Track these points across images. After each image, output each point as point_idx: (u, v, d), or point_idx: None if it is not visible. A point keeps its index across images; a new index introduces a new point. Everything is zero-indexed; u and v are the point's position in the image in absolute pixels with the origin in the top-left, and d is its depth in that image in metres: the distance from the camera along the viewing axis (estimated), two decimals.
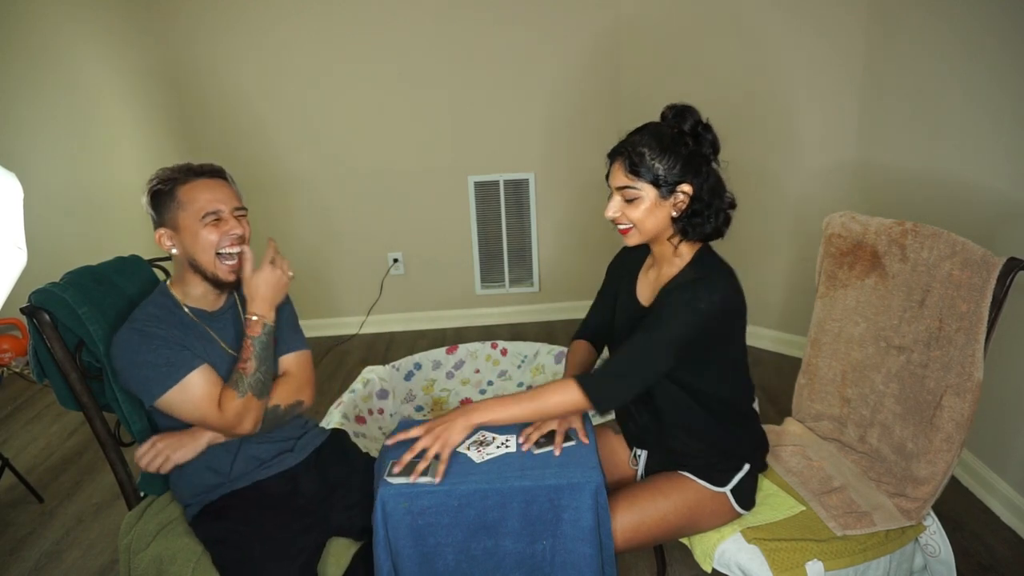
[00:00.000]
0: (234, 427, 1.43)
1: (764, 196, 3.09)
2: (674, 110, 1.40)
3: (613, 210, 1.41)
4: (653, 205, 1.38)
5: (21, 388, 3.34)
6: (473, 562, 1.37)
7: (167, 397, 1.39)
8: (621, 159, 1.38)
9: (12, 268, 1.69)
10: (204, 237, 1.43)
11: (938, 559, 1.49)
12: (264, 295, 1.47)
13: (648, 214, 1.38)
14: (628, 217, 1.40)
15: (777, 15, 2.87)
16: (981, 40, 2.11)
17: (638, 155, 1.35)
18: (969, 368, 1.40)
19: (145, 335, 1.40)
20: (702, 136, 1.38)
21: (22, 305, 1.44)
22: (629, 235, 1.42)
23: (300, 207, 3.59)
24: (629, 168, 1.36)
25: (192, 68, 3.35)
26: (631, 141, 1.38)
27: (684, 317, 1.32)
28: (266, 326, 1.46)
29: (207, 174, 1.48)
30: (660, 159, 1.35)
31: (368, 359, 3.45)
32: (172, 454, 1.44)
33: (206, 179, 1.47)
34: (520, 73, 3.42)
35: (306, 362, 1.63)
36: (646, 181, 1.36)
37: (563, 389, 1.37)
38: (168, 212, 1.44)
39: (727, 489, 1.47)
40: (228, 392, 1.42)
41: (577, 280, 3.74)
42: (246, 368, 1.43)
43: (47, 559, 2.19)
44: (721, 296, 1.34)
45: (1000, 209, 2.05)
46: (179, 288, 1.51)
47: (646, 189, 1.37)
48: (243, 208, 1.51)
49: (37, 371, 1.51)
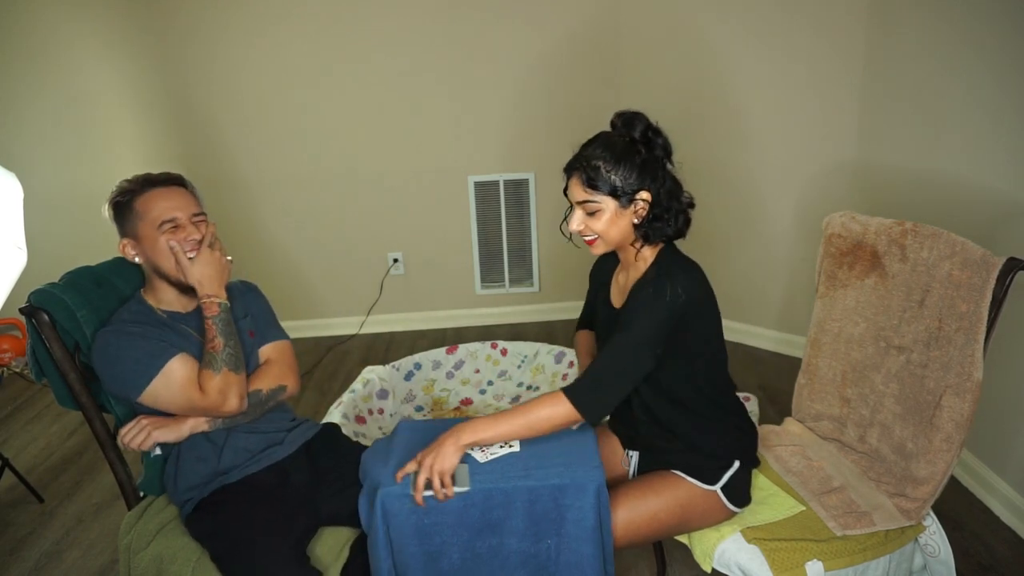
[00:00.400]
0: (220, 406, 1.46)
1: (764, 196, 3.09)
2: (623, 118, 1.43)
3: (576, 224, 1.44)
4: (614, 215, 1.40)
5: (21, 388, 3.34)
6: (478, 561, 1.37)
7: (151, 389, 1.43)
8: (578, 174, 1.41)
9: (12, 268, 1.69)
10: (163, 244, 1.48)
11: (938, 559, 1.49)
12: (209, 275, 1.50)
13: (610, 224, 1.41)
14: (592, 229, 1.42)
15: (777, 14, 2.87)
16: (981, 40, 2.11)
17: (593, 169, 1.38)
18: (969, 368, 1.40)
19: (120, 334, 1.46)
20: (653, 141, 1.40)
21: (22, 305, 1.44)
22: (595, 245, 1.46)
23: (300, 207, 3.58)
24: (587, 182, 1.39)
25: (192, 68, 3.35)
26: (585, 155, 1.40)
27: (652, 314, 1.34)
28: (221, 304, 1.51)
29: (164, 183, 1.52)
30: (616, 170, 1.37)
31: (368, 359, 3.45)
32: (154, 431, 1.47)
33: (162, 188, 1.51)
34: (520, 73, 3.42)
35: (285, 349, 1.67)
36: (604, 193, 1.38)
37: (552, 402, 1.37)
38: (128, 223, 1.49)
39: (717, 487, 1.47)
40: (205, 373, 1.46)
41: (577, 280, 3.73)
42: (215, 346, 1.47)
43: (47, 559, 2.19)
44: (683, 287, 1.35)
45: (1000, 209, 2.05)
46: (151, 295, 1.56)
47: (605, 201, 1.39)
48: (202, 213, 1.54)
49: (36, 371, 1.51)
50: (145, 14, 3.26)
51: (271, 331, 1.68)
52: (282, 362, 1.64)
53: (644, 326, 1.34)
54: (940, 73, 2.31)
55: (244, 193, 3.53)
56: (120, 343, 1.44)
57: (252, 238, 3.60)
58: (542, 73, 3.42)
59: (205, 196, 1.61)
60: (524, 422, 1.37)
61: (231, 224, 3.57)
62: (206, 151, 3.47)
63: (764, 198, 3.09)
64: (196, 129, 3.45)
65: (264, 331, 1.67)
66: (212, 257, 1.51)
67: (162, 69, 3.35)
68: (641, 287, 1.40)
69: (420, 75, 3.40)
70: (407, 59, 3.37)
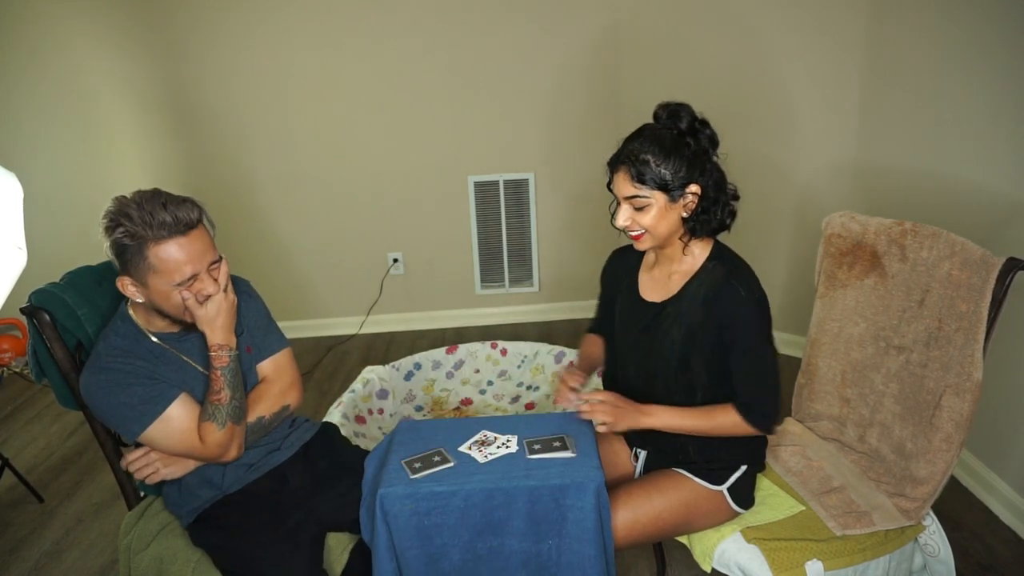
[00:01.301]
0: (219, 457, 1.42)
1: (764, 196, 3.09)
2: (667, 110, 1.38)
3: (623, 219, 1.39)
4: (663, 209, 1.36)
5: (21, 388, 3.34)
6: (479, 562, 1.37)
7: (147, 434, 1.37)
8: (625, 168, 1.36)
9: (12, 268, 1.70)
10: (176, 297, 1.35)
11: (937, 559, 1.49)
12: (222, 324, 1.39)
13: (659, 219, 1.37)
14: (640, 224, 1.38)
15: (777, 13, 2.87)
16: (982, 40, 2.11)
17: (642, 163, 1.33)
18: (968, 368, 1.40)
19: (113, 373, 1.35)
20: (700, 132, 1.37)
21: (22, 305, 1.44)
22: (642, 240, 1.41)
23: (300, 207, 3.58)
24: (636, 177, 1.34)
25: (192, 68, 3.35)
26: (632, 149, 1.35)
27: (757, 311, 1.37)
28: (232, 354, 1.41)
29: (181, 230, 1.31)
30: (665, 164, 1.33)
31: (368, 359, 3.45)
32: (163, 468, 1.43)
33: (180, 238, 1.30)
34: (520, 73, 3.42)
35: (286, 363, 1.58)
36: (654, 188, 1.35)
37: (731, 416, 1.42)
38: (136, 268, 1.32)
39: (724, 488, 1.47)
40: (208, 426, 1.38)
41: (577, 280, 3.74)
42: (221, 399, 1.39)
43: (47, 559, 2.19)
44: (757, 280, 1.40)
45: (1000, 209, 2.05)
46: (142, 316, 1.43)
47: (655, 195, 1.35)
48: (218, 258, 1.40)
49: (36, 371, 1.51)
50: (146, 13, 3.25)
51: (269, 341, 1.57)
52: (283, 379, 1.55)
53: (762, 326, 1.38)
54: (940, 73, 2.31)
55: (244, 193, 3.52)
56: (111, 387, 1.34)
57: (252, 238, 3.60)
58: (542, 73, 3.42)
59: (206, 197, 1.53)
60: (706, 424, 1.43)
61: (231, 224, 3.57)
62: (206, 151, 3.47)
63: (764, 198, 3.09)
64: (196, 129, 3.44)
65: (261, 344, 1.56)
66: (225, 303, 1.39)
67: (162, 68, 3.35)
68: (715, 288, 1.38)
69: (420, 75, 3.40)
70: (407, 59, 3.37)
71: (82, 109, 3.39)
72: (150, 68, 3.35)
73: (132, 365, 1.37)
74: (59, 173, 3.43)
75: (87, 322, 1.49)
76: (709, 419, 1.42)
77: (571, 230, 3.67)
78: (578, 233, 3.66)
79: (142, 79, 3.37)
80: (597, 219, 3.57)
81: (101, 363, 1.36)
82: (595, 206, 3.56)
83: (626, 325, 1.55)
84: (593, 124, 3.48)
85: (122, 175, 3.51)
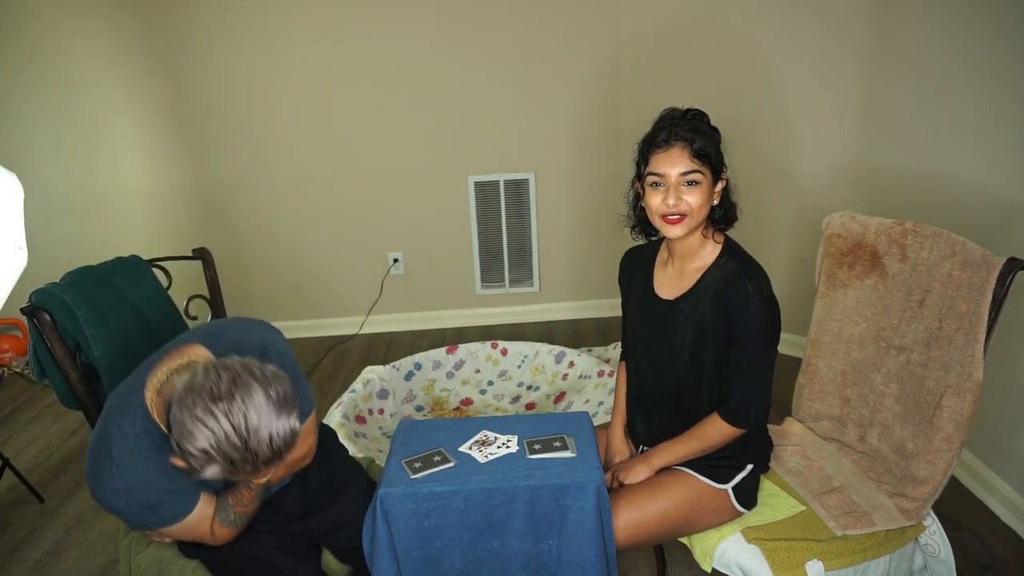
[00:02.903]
0: (219, 544, 1.36)
1: (764, 196, 3.09)
2: (686, 109, 1.42)
3: (673, 198, 1.36)
4: (708, 190, 1.38)
5: (21, 388, 3.34)
6: (480, 563, 1.37)
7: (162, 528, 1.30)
8: (683, 144, 1.35)
9: (12, 268, 1.69)
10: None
11: (938, 559, 1.49)
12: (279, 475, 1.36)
13: (705, 200, 1.38)
14: (689, 203, 1.36)
15: (778, 14, 2.87)
16: (982, 40, 2.11)
17: (702, 136, 1.35)
18: (969, 368, 1.40)
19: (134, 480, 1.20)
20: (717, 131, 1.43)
21: (22, 305, 1.44)
22: (682, 224, 1.38)
23: (300, 206, 3.58)
24: (697, 151, 1.35)
25: (192, 68, 3.35)
26: (686, 126, 1.36)
27: (764, 311, 1.38)
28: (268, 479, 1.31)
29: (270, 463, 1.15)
30: (712, 144, 1.37)
31: (368, 359, 3.45)
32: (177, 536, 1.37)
33: (266, 469, 1.16)
34: (520, 73, 3.42)
35: (309, 429, 1.44)
36: (707, 165, 1.36)
37: (717, 425, 1.44)
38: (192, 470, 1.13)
39: (728, 487, 1.47)
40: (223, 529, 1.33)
41: (577, 280, 3.74)
42: (245, 510, 1.33)
43: (47, 559, 2.19)
44: (767, 279, 1.41)
45: (1000, 209, 2.05)
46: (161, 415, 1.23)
47: (707, 173, 1.37)
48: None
49: (37, 371, 1.51)
50: (147, 13, 3.25)
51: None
52: (303, 446, 1.40)
53: (763, 325, 1.38)
54: (941, 73, 2.31)
55: (244, 193, 3.52)
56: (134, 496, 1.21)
57: (253, 238, 3.60)
58: (542, 73, 3.42)
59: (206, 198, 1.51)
60: (699, 446, 1.46)
61: (231, 224, 3.58)
62: (207, 151, 3.47)
63: (764, 198, 3.09)
64: (197, 129, 3.44)
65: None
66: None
67: (163, 68, 3.35)
68: (726, 283, 1.39)
69: (420, 75, 3.40)
70: (408, 59, 3.37)
71: (82, 109, 3.38)
72: (150, 68, 3.35)
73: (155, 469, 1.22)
74: (59, 173, 3.42)
75: (86, 323, 1.49)
76: (703, 440, 1.46)
77: (571, 230, 3.67)
78: (578, 233, 3.66)
79: (143, 79, 3.37)
80: (597, 219, 3.58)
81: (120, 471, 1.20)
82: (595, 206, 3.56)
83: (639, 320, 1.56)
84: (593, 124, 3.48)
85: (123, 175, 3.51)
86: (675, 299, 1.47)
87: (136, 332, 1.61)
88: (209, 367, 1.13)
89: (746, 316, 1.37)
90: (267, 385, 1.12)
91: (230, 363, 1.14)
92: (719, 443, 1.45)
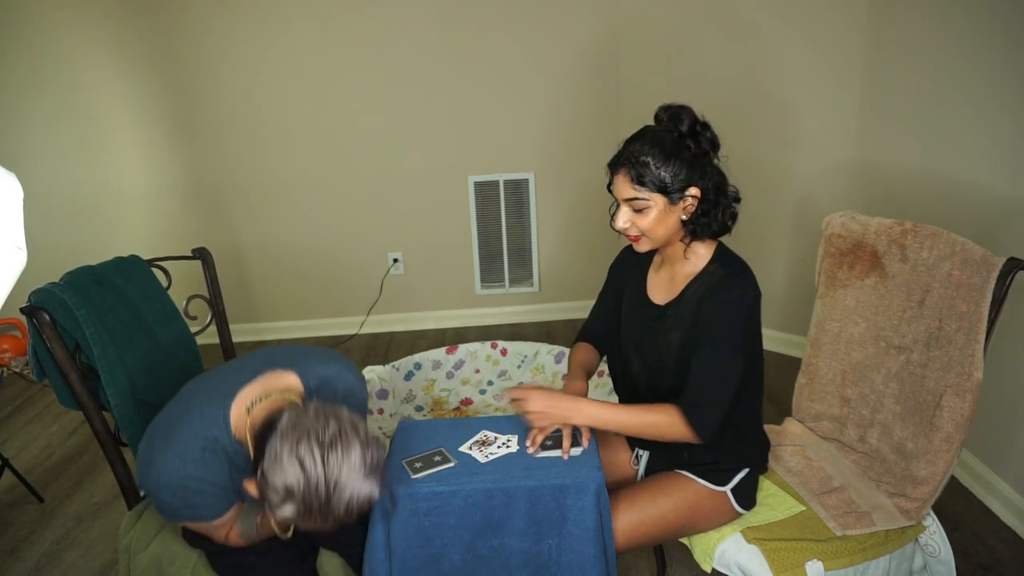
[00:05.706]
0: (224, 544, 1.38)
1: (764, 196, 3.09)
2: (668, 112, 1.37)
3: (622, 221, 1.38)
4: (663, 212, 1.36)
5: (21, 388, 3.34)
6: (479, 562, 1.37)
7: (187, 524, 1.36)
8: (625, 170, 1.35)
9: (12, 268, 1.69)
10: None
11: (938, 559, 1.49)
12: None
13: (658, 222, 1.36)
14: (638, 226, 1.38)
15: (777, 14, 2.87)
16: (981, 40, 2.11)
17: (642, 165, 1.33)
18: (969, 368, 1.40)
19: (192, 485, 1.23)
20: (701, 135, 1.36)
21: (22, 305, 1.44)
22: (640, 243, 1.41)
23: (300, 206, 3.58)
24: (635, 179, 1.34)
25: (193, 68, 3.35)
26: (632, 151, 1.35)
27: (737, 316, 1.34)
28: None
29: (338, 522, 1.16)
30: (665, 167, 1.33)
31: (368, 359, 3.45)
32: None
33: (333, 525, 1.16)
34: (520, 73, 3.42)
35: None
36: (653, 190, 1.34)
37: (668, 415, 1.35)
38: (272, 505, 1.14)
39: (727, 488, 1.47)
40: (238, 537, 1.35)
41: (577, 280, 3.74)
42: (269, 530, 1.33)
43: (47, 559, 2.19)
44: (754, 290, 1.37)
45: (1000, 209, 2.05)
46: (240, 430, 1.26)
47: (654, 198, 1.35)
48: None
49: (37, 371, 1.51)
50: (147, 14, 3.25)
51: None
52: None
53: (733, 331, 1.34)
54: (940, 73, 2.31)
55: (245, 193, 3.52)
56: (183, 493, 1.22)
57: (252, 238, 3.60)
58: (542, 73, 3.42)
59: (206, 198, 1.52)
60: (639, 422, 1.38)
61: (231, 224, 3.58)
62: (206, 151, 3.47)
63: (764, 198, 3.09)
64: (197, 129, 3.44)
65: None
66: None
67: (163, 69, 3.35)
68: (713, 289, 1.37)
69: (420, 75, 3.40)
70: (407, 59, 3.37)
71: (83, 109, 3.39)
72: (151, 69, 3.35)
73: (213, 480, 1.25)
74: (59, 174, 3.43)
75: (85, 323, 1.49)
76: (642, 417, 1.37)
77: (571, 230, 3.67)
78: (578, 233, 3.66)
79: (143, 80, 3.37)
80: (597, 219, 3.57)
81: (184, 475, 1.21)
82: (595, 206, 3.56)
83: (631, 321, 1.55)
84: (593, 124, 3.48)
85: (123, 176, 3.51)
86: (665, 304, 1.47)
87: (136, 332, 1.61)
88: (319, 410, 1.15)
89: (721, 316, 1.34)
90: (366, 448, 1.14)
91: (339, 413, 1.16)
92: (658, 432, 1.37)
